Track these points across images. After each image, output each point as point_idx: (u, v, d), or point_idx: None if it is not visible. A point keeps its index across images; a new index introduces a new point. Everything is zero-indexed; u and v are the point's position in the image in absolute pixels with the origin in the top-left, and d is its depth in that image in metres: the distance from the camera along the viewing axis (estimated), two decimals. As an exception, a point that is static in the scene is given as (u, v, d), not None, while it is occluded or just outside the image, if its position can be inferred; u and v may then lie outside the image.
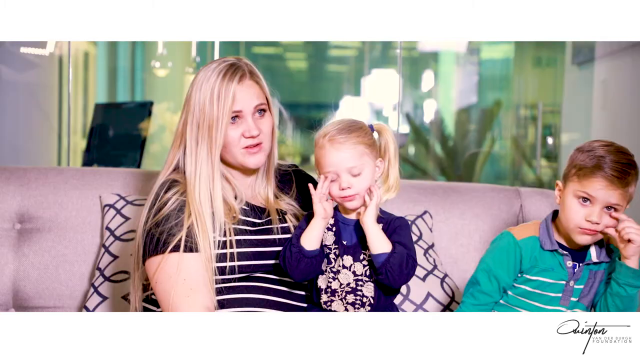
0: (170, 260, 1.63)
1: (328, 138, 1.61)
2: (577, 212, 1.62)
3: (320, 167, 1.64)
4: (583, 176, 1.61)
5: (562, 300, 1.67)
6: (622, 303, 1.65)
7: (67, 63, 4.17)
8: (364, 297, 1.62)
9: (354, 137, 1.62)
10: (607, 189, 1.59)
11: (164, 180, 1.72)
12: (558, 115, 5.29)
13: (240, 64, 1.72)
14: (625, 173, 1.59)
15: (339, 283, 1.63)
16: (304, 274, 1.64)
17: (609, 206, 1.61)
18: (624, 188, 1.59)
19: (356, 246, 1.64)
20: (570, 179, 1.64)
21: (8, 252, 2.03)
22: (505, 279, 1.69)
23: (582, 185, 1.61)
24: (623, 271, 1.63)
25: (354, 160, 1.61)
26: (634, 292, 1.63)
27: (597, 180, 1.59)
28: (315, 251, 1.62)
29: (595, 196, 1.60)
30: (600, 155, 1.60)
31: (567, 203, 1.64)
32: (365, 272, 1.63)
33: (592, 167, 1.60)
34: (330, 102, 6.27)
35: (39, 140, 4.77)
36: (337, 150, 1.61)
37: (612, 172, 1.58)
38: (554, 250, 1.67)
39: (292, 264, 1.63)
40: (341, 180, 1.61)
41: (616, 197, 1.60)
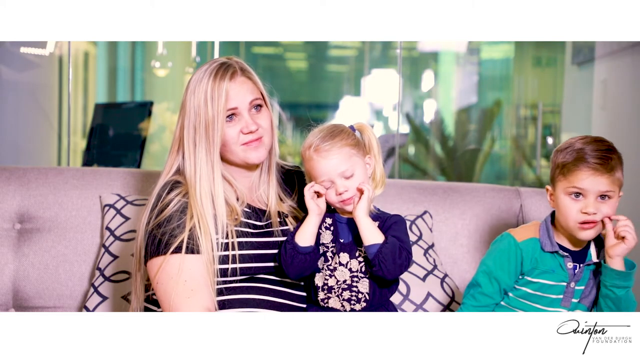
0: (171, 261, 1.63)
1: (313, 149, 1.64)
2: (572, 209, 1.63)
3: (313, 178, 1.67)
4: (568, 172, 1.62)
5: (563, 301, 1.67)
6: (614, 304, 1.65)
7: (67, 63, 4.16)
8: (359, 292, 1.65)
9: (338, 141, 1.64)
10: (593, 177, 1.60)
11: (167, 181, 1.72)
12: (558, 115, 5.29)
13: (231, 62, 1.73)
14: (607, 158, 1.61)
15: (336, 280, 1.66)
16: (298, 270, 1.66)
17: (602, 195, 1.62)
18: (609, 173, 1.60)
19: (352, 243, 1.67)
20: (557, 179, 1.65)
21: (8, 252, 2.03)
22: (506, 280, 1.69)
23: (569, 181, 1.62)
24: (608, 273, 1.63)
25: (344, 164, 1.63)
26: (622, 292, 1.63)
27: (582, 172, 1.61)
28: (309, 247, 1.64)
29: (584, 188, 1.61)
30: (579, 148, 1.63)
31: (561, 203, 1.65)
32: (361, 269, 1.65)
33: (574, 160, 1.62)
34: (330, 102, 6.27)
35: (39, 140, 4.77)
36: (325, 159, 1.63)
37: (594, 160, 1.60)
38: (555, 251, 1.67)
39: (286, 261, 1.65)
40: (337, 185, 1.63)
41: (605, 183, 1.61)
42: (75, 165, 4.55)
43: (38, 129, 4.73)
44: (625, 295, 1.64)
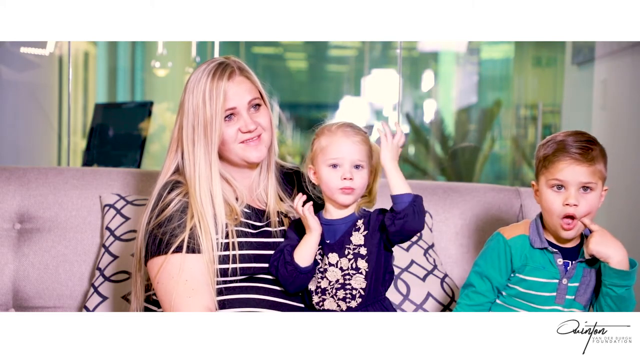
0: (172, 261, 1.63)
1: (341, 129, 1.65)
2: (554, 201, 1.64)
3: (323, 154, 1.65)
4: (549, 164, 1.64)
5: (557, 299, 1.68)
6: (614, 303, 1.65)
7: (67, 63, 4.16)
8: (353, 289, 1.64)
9: (363, 136, 1.67)
10: (574, 166, 1.61)
11: (167, 181, 1.72)
12: (558, 115, 5.29)
13: (229, 62, 1.74)
14: (587, 149, 1.62)
15: (328, 281, 1.66)
16: (298, 287, 1.68)
17: (584, 187, 1.62)
18: (589, 163, 1.61)
19: (340, 242, 1.66)
20: (540, 173, 1.67)
21: (8, 252, 2.03)
22: (497, 278, 1.70)
23: (550, 173, 1.64)
24: (607, 272, 1.64)
25: (361, 155, 1.65)
26: (621, 291, 1.63)
27: (562, 161, 1.62)
28: (309, 266, 1.66)
29: (565, 179, 1.62)
30: (560, 140, 1.65)
31: (544, 196, 1.66)
32: (352, 265, 1.65)
33: (554, 152, 1.64)
34: (330, 102, 6.27)
35: (39, 140, 4.77)
36: (349, 140, 1.64)
37: (574, 149, 1.62)
38: (544, 248, 1.68)
39: (287, 280, 1.66)
40: (345, 170, 1.63)
41: (585, 174, 1.61)
42: (75, 165, 4.55)
43: (38, 129, 4.73)
44: (626, 294, 1.64)
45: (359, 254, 1.65)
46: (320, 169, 1.66)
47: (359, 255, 1.65)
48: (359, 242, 1.65)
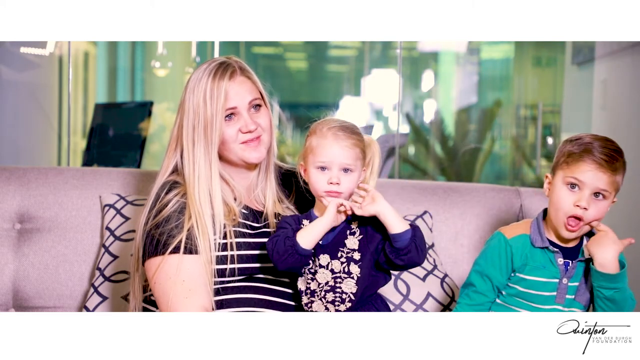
0: (170, 261, 1.63)
1: (332, 131, 1.62)
2: (566, 199, 1.64)
3: (313, 154, 1.63)
4: (572, 161, 1.63)
5: (557, 298, 1.68)
6: (606, 305, 1.65)
7: (67, 63, 4.16)
8: (343, 293, 1.62)
9: (355, 138, 1.63)
10: (595, 171, 1.61)
11: (165, 181, 1.72)
12: (558, 115, 5.29)
13: (230, 62, 1.73)
14: (613, 157, 1.62)
15: (317, 283, 1.63)
16: (288, 266, 1.61)
17: (597, 193, 1.62)
18: (612, 173, 1.61)
19: (332, 244, 1.64)
20: (560, 167, 1.66)
21: (8, 252, 2.03)
22: (498, 277, 1.70)
23: (571, 171, 1.63)
24: (593, 274, 1.64)
25: (350, 159, 1.62)
26: (609, 293, 1.63)
27: (586, 163, 1.62)
28: (308, 251, 1.61)
29: (583, 180, 1.62)
30: (589, 142, 1.64)
31: (556, 191, 1.66)
32: (344, 269, 1.63)
33: (581, 152, 1.63)
34: (330, 102, 6.27)
35: (39, 140, 4.77)
36: (337, 143, 1.61)
37: (600, 155, 1.61)
38: (545, 247, 1.68)
39: (280, 254, 1.60)
40: (332, 174, 1.61)
41: (604, 181, 1.61)
42: (75, 165, 4.55)
43: (38, 129, 4.73)
44: (617, 296, 1.63)
45: (352, 258, 1.63)
46: (309, 169, 1.64)
47: (352, 259, 1.62)
48: (353, 246, 1.63)
